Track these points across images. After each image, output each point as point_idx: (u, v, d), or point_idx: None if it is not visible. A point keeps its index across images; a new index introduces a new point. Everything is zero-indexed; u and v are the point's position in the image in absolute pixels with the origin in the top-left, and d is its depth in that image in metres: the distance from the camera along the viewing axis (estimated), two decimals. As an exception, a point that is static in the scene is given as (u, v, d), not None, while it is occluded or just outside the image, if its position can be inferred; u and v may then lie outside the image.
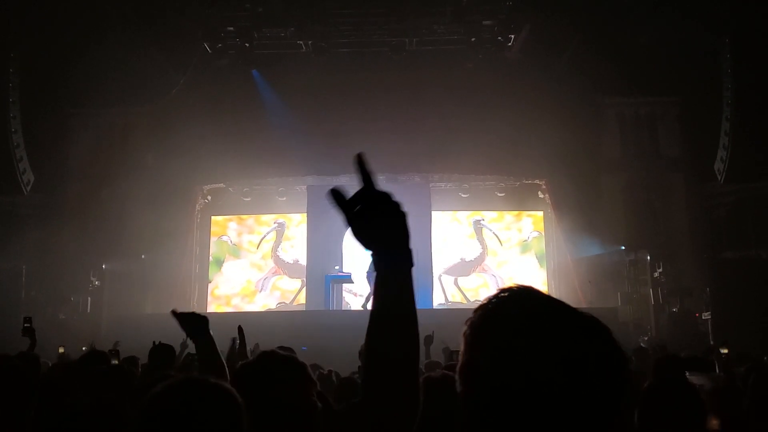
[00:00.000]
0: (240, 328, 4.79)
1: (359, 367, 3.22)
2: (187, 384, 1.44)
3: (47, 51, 13.40)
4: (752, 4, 12.67)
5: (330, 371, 4.71)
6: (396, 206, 1.14)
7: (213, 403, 1.39)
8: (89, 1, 12.61)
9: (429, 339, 5.33)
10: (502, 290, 0.96)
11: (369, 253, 1.18)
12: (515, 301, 0.93)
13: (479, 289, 16.27)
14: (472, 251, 16.81)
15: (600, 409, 0.87)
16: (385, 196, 1.14)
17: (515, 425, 0.86)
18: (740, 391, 2.58)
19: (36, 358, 4.21)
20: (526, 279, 16.54)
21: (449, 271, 16.64)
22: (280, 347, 4.05)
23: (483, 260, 16.75)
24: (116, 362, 4.40)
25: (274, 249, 16.91)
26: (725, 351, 4.51)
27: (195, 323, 2.64)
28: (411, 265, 1.16)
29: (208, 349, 2.64)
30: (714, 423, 2.33)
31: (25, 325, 5.05)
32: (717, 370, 3.92)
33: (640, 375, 3.68)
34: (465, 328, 0.95)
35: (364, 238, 1.16)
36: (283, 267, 16.78)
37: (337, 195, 1.16)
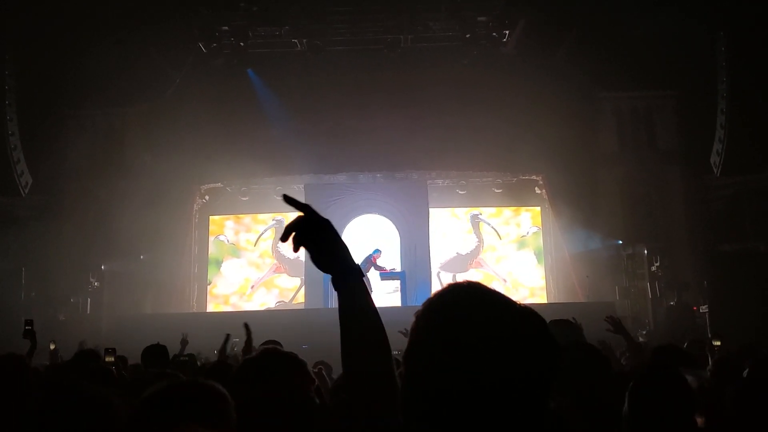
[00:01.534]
0: (246, 326, 4.83)
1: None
2: (181, 386, 1.48)
3: (43, 52, 13.39)
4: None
5: (320, 368, 4.78)
6: (333, 232, 1.34)
7: (203, 403, 1.44)
8: (84, 2, 12.60)
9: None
10: (450, 284, 1.05)
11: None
12: (456, 295, 1.02)
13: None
14: (467, 245, 16.84)
15: (528, 391, 0.93)
16: (325, 223, 1.34)
17: (447, 404, 0.94)
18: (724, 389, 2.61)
19: (21, 358, 4.23)
20: (524, 274, 16.60)
21: (446, 267, 16.66)
22: (269, 341, 4.10)
23: (478, 254, 16.77)
24: (111, 359, 4.42)
25: (274, 245, 16.93)
26: (717, 343, 4.52)
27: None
28: (362, 277, 1.34)
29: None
30: (700, 421, 2.36)
31: (27, 327, 5.06)
32: (710, 363, 3.94)
33: (634, 368, 3.71)
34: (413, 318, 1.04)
35: (322, 264, 1.34)
36: (285, 263, 16.79)
37: (292, 228, 1.33)
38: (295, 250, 1.31)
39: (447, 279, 16.63)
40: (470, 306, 0.98)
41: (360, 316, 1.26)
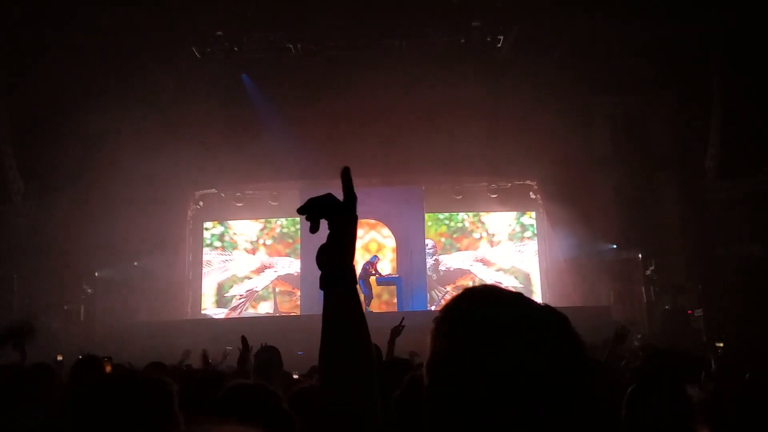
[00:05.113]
0: (243, 340, 4.76)
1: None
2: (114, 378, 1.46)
3: (36, 58, 13.32)
4: (742, 1, 12.73)
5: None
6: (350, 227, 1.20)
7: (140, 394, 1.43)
8: (77, 7, 12.54)
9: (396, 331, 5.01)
10: (466, 289, 1.01)
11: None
12: (476, 298, 0.98)
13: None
14: (462, 250, 16.82)
15: (557, 393, 0.91)
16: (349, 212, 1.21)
17: (476, 414, 0.90)
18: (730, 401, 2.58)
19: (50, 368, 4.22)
20: (519, 278, 16.58)
21: (441, 272, 16.62)
22: (267, 347, 4.06)
23: (473, 259, 16.74)
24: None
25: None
26: (720, 345, 4.51)
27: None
28: (354, 282, 1.24)
29: None
30: None
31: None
32: (713, 365, 3.93)
33: (635, 371, 3.69)
34: (431, 325, 0.99)
35: (321, 258, 1.22)
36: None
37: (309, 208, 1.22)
38: (308, 220, 1.22)
39: (442, 284, 16.60)
40: (492, 308, 0.95)
41: (344, 328, 1.19)
